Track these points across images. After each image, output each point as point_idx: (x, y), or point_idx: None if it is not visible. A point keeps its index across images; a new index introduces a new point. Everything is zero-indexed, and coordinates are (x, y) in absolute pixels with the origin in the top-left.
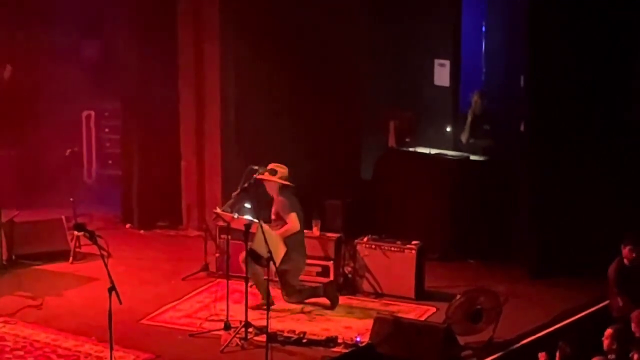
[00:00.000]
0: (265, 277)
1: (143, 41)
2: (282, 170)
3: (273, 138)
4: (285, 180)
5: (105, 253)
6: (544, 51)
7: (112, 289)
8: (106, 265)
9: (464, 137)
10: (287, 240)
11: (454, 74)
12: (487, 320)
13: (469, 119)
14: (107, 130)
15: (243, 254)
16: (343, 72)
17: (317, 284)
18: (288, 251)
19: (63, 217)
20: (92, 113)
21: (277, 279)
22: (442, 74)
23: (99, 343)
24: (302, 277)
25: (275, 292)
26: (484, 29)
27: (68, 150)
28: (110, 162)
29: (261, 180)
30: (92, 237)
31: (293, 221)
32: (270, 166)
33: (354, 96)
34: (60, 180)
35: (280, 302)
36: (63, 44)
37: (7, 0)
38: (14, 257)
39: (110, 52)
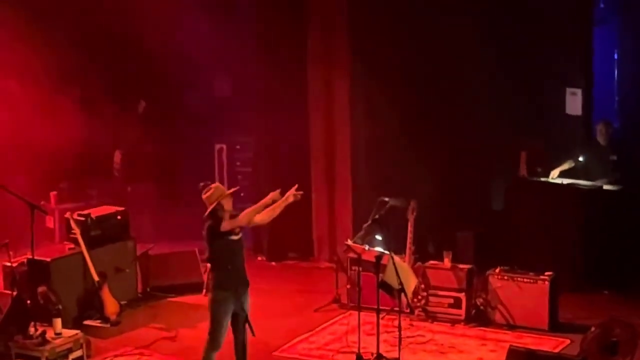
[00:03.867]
0: (397, 309)
1: (273, 75)
2: None
3: (403, 169)
4: None
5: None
6: None
7: (245, 320)
8: None
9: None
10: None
11: (586, 103)
12: (623, 352)
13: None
14: (238, 163)
15: None
16: (473, 103)
17: None
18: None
19: (196, 249)
20: (224, 147)
21: (407, 310)
22: (574, 103)
23: None
24: (434, 308)
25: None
26: (616, 56)
27: (201, 184)
28: (242, 194)
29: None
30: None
31: None
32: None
33: (484, 127)
34: (193, 213)
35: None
36: (196, 78)
37: (140, 38)
38: (149, 289)
39: (241, 86)
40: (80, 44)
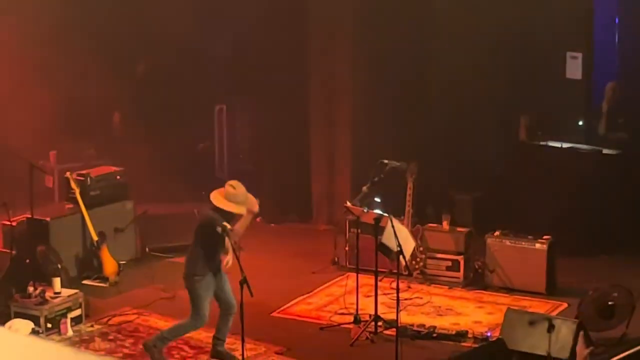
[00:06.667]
0: (395, 271)
1: (273, 35)
2: None
3: (403, 132)
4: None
5: (236, 246)
6: None
7: (243, 281)
8: (238, 259)
9: (601, 129)
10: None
11: (587, 67)
12: (620, 316)
13: (605, 109)
14: (238, 124)
15: None
16: (474, 67)
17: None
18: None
19: (195, 210)
20: (224, 107)
21: (406, 273)
22: (574, 67)
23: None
24: (432, 271)
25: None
26: (617, 20)
27: (200, 145)
28: (241, 156)
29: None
30: (224, 230)
31: None
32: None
33: (484, 91)
34: (192, 174)
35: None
36: (196, 38)
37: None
38: (147, 249)
39: (241, 46)
40: (80, 4)
